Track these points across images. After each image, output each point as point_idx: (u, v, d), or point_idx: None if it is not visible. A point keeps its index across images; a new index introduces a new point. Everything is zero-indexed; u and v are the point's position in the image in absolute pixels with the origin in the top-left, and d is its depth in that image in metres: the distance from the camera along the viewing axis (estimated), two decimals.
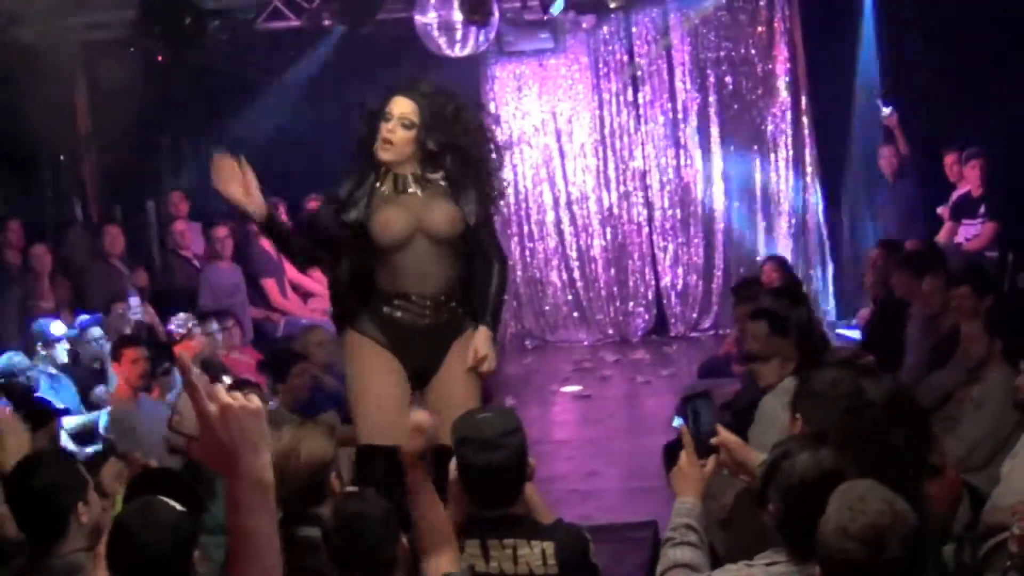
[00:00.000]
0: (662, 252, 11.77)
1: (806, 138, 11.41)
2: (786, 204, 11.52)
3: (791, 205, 11.50)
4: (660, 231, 11.76)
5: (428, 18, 9.96)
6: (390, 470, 4.73)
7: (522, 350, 11.78)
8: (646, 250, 11.81)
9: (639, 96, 11.68)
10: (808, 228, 11.49)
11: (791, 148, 11.44)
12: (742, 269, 11.31)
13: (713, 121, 11.57)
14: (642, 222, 11.78)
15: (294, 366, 7.00)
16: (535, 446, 4.88)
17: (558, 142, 11.85)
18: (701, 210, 11.67)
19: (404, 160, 4.99)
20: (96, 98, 10.87)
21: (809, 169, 11.45)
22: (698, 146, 11.61)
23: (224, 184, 4.75)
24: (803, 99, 11.37)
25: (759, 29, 11.41)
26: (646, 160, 11.73)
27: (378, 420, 4.98)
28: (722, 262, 11.69)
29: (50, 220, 10.91)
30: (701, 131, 11.60)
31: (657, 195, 11.75)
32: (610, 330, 11.88)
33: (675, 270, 11.76)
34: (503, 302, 5.28)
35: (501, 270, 5.20)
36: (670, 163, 11.70)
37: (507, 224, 11.82)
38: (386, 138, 4.95)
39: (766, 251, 11.19)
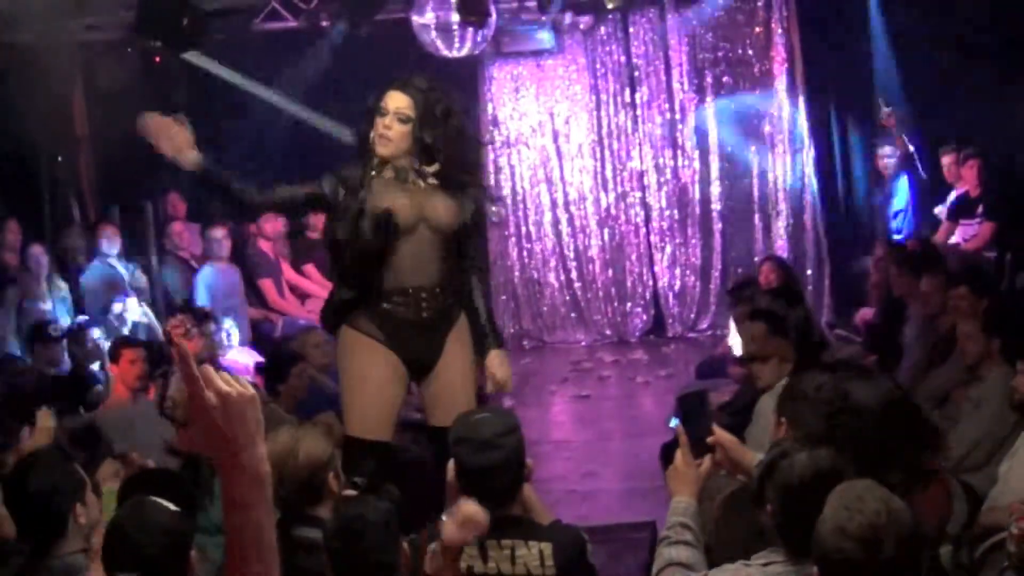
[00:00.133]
0: (660, 252, 11.77)
1: (803, 138, 11.42)
2: (783, 204, 11.52)
3: (788, 205, 11.51)
4: (658, 231, 11.77)
5: (426, 19, 9.96)
6: (378, 465, 4.79)
7: (520, 351, 11.77)
8: (644, 251, 11.81)
9: (636, 97, 11.69)
10: (805, 228, 11.49)
11: (788, 148, 11.45)
12: (740, 269, 11.33)
13: (710, 122, 11.58)
14: (639, 223, 11.79)
15: (294, 367, 7.00)
16: (533, 447, 4.89)
17: (555, 143, 11.85)
18: (699, 210, 11.68)
19: (401, 154, 4.99)
20: (94, 99, 10.85)
21: (806, 170, 11.45)
22: (695, 147, 11.63)
23: (156, 140, 4.77)
24: (800, 99, 11.38)
25: (756, 29, 11.42)
26: (643, 161, 11.73)
27: (368, 414, 4.99)
28: (720, 262, 11.69)
29: (47, 220, 10.88)
30: (698, 131, 11.61)
31: (655, 196, 11.75)
32: (608, 331, 11.87)
33: (673, 270, 11.77)
34: (492, 311, 5.32)
35: (483, 278, 5.27)
36: (667, 164, 11.71)
37: (505, 225, 11.84)
38: (383, 133, 4.94)
39: (764, 251, 11.21)
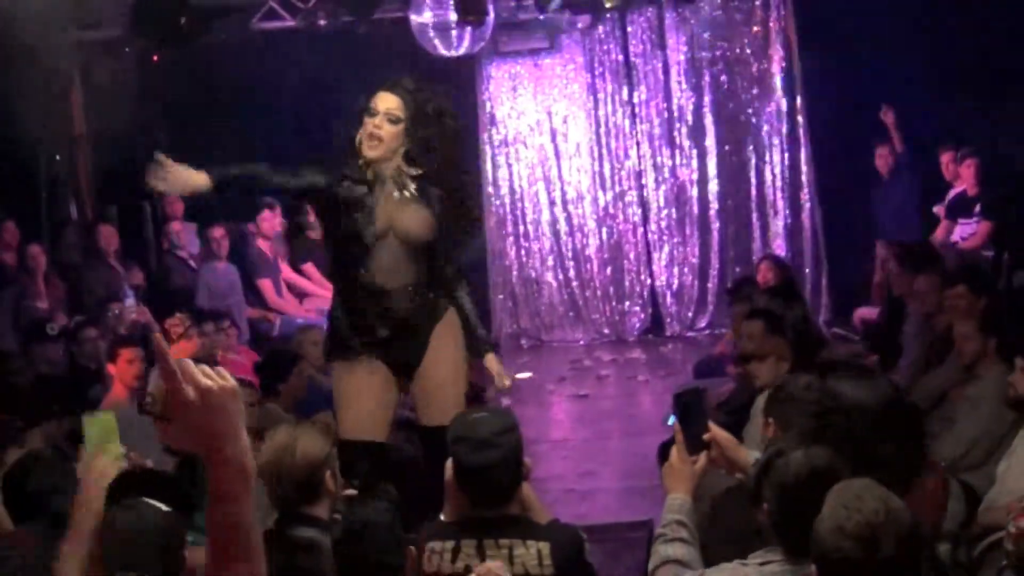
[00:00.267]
0: (658, 251, 11.77)
1: (801, 137, 11.42)
2: (781, 203, 11.52)
3: (786, 204, 11.51)
4: (656, 230, 11.76)
5: (424, 18, 9.96)
6: (372, 465, 4.81)
7: (518, 350, 11.77)
8: (641, 250, 11.80)
9: (634, 96, 11.68)
10: (803, 227, 11.49)
11: (786, 147, 11.45)
12: (738, 269, 11.33)
13: (708, 121, 11.58)
14: (637, 222, 11.78)
15: (294, 366, 7.00)
16: (531, 446, 4.90)
17: (553, 142, 11.84)
18: (697, 209, 11.67)
19: (390, 156, 4.98)
20: (91, 98, 10.85)
21: (804, 168, 11.45)
22: (693, 146, 11.62)
23: (170, 190, 4.78)
24: (798, 98, 11.38)
25: (755, 29, 11.42)
26: (641, 160, 11.73)
27: (361, 418, 5.01)
28: (718, 261, 11.68)
29: (45, 220, 10.88)
30: (696, 131, 11.60)
31: (652, 195, 11.74)
32: (606, 330, 11.87)
33: (671, 269, 11.76)
34: (478, 316, 5.34)
35: (464, 285, 5.27)
36: (665, 163, 11.70)
37: (503, 224, 11.84)
38: (373, 133, 4.93)
39: (761, 250, 11.21)
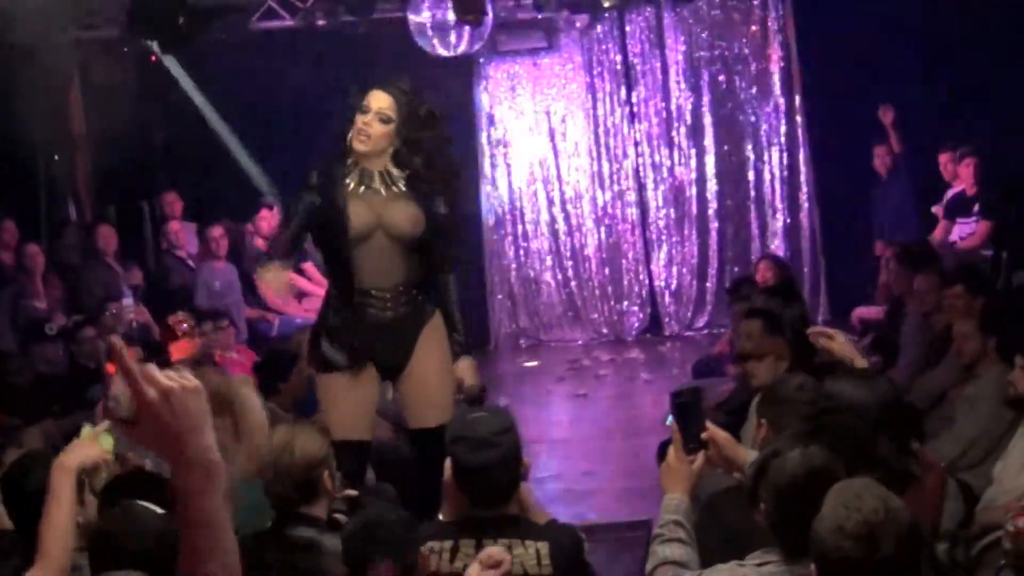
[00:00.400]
0: (656, 251, 11.78)
1: (800, 137, 11.42)
2: (780, 203, 11.53)
3: (785, 204, 11.51)
4: (654, 230, 11.77)
5: (422, 18, 9.97)
6: (358, 463, 4.91)
7: (516, 349, 11.77)
8: (640, 249, 11.81)
9: (633, 95, 11.69)
10: (802, 227, 11.50)
11: (785, 147, 11.46)
12: (736, 268, 11.34)
13: (707, 120, 11.58)
14: (636, 221, 11.78)
15: (295, 366, 7.00)
16: (529, 446, 4.90)
17: (552, 141, 11.85)
18: (695, 209, 11.68)
19: (377, 154, 5.02)
20: (90, 98, 10.85)
21: (803, 168, 11.46)
22: (692, 145, 11.63)
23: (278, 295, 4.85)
24: (797, 98, 11.38)
25: (753, 28, 11.43)
26: (640, 159, 11.73)
27: (345, 420, 5.02)
28: (716, 261, 11.69)
29: (44, 219, 10.88)
30: (695, 130, 11.61)
31: (651, 194, 11.75)
32: (604, 329, 11.87)
33: (669, 269, 11.76)
34: (461, 320, 5.34)
35: (454, 281, 5.26)
36: (664, 162, 11.71)
37: (501, 223, 11.84)
38: (362, 130, 4.97)
39: (760, 250, 11.21)
